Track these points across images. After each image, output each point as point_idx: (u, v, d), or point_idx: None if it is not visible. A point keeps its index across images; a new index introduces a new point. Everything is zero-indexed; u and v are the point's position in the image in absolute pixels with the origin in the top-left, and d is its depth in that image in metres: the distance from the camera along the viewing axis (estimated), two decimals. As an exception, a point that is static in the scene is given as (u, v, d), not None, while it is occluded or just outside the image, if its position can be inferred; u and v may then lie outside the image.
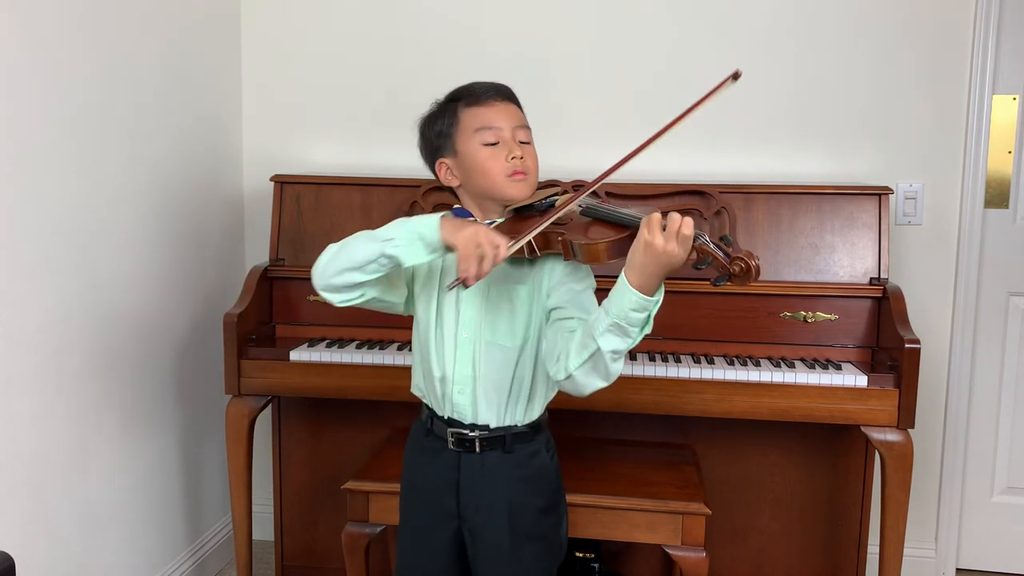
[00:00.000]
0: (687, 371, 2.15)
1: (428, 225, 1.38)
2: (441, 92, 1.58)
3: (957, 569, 2.71)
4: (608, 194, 2.38)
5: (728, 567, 2.51)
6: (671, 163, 2.61)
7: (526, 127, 1.54)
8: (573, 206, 1.45)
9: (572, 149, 2.63)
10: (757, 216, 2.39)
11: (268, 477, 2.66)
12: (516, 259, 1.45)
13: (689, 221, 1.26)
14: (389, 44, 2.72)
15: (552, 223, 1.41)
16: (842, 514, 2.46)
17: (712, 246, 1.28)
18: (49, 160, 1.92)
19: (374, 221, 2.47)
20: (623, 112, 2.65)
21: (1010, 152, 2.58)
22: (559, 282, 1.46)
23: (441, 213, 1.42)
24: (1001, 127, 2.56)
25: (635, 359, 2.21)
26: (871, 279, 2.33)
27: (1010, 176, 2.59)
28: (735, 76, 1.42)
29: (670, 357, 2.25)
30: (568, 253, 1.40)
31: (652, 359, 2.22)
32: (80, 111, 2.02)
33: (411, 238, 1.38)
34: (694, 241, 1.27)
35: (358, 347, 2.30)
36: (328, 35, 2.75)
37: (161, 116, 2.36)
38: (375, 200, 2.51)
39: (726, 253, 1.27)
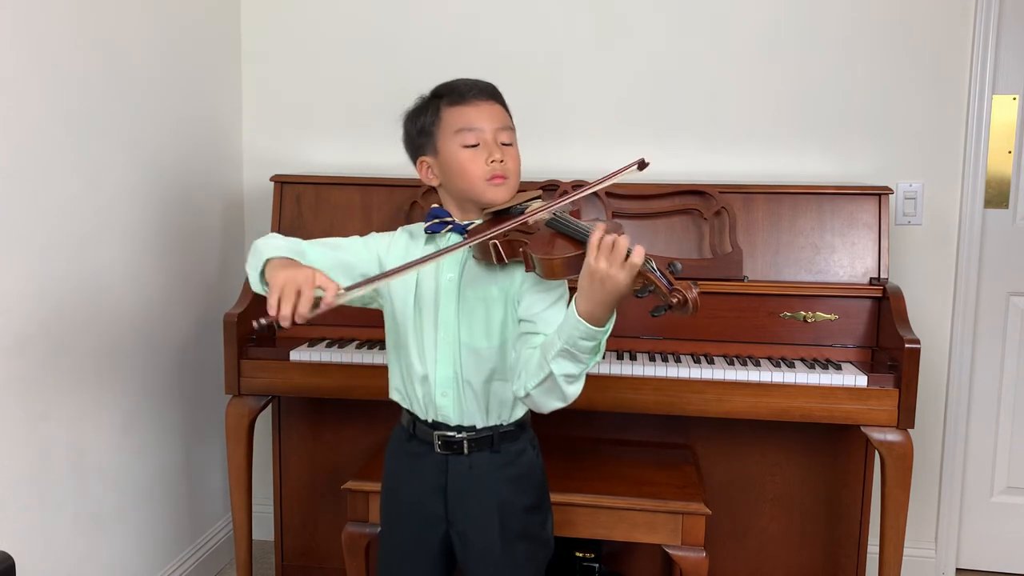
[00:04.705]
0: (687, 371, 2.15)
1: (260, 257, 1.36)
2: (441, 92, 1.57)
3: (957, 569, 2.71)
4: (608, 194, 2.38)
5: (728, 567, 2.51)
6: (671, 163, 2.61)
7: (510, 128, 1.50)
8: (543, 215, 1.42)
9: (573, 149, 2.63)
10: (757, 216, 2.39)
11: (268, 477, 2.66)
12: (486, 263, 1.44)
13: (640, 251, 1.21)
14: (389, 44, 2.72)
15: (519, 231, 1.39)
16: (842, 514, 2.46)
17: (657, 274, 1.23)
18: (48, 160, 1.92)
19: (374, 221, 2.48)
20: (624, 112, 2.65)
21: (1010, 152, 2.58)
22: (528, 288, 1.44)
23: (276, 255, 1.36)
24: (1001, 127, 2.56)
25: (635, 359, 2.21)
26: (871, 279, 2.33)
27: (1010, 176, 2.59)
28: (640, 165, 1.41)
29: (670, 357, 2.25)
30: (528, 265, 1.39)
31: (652, 359, 2.22)
32: (79, 111, 2.02)
33: (253, 266, 1.39)
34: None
35: (358, 347, 2.30)
36: (328, 35, 2.75)
37: (161, 116, 2.36)
38: (375, 200, 2.51)
39: (669, 282, 1.22)
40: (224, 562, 2.75)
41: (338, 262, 1.49)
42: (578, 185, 2.39)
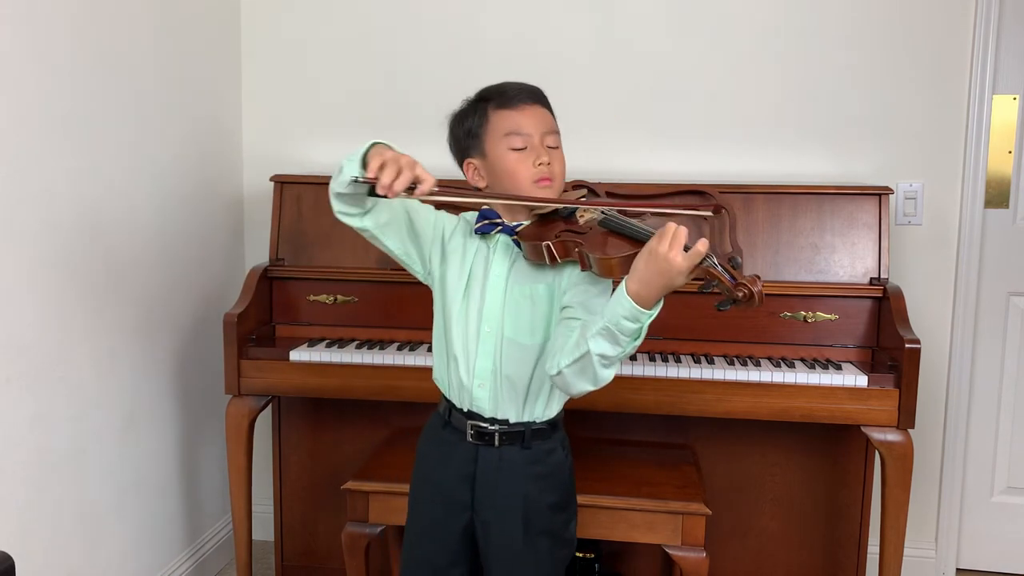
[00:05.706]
0: (687, 371, 2.15)
1: (365, 144, 1.38)
2: (441, 92, 1.58)
3: (957, 569, 2.71)
4: (608, 194, 2.38)
5: (728, 567, 2.51)
6: (671, 163, 2.62)
7: (555, 132, 1.54)
8: (594, 215, 1.45)
9: (573, 148, 2.61)
10: (757, 216, 2.38)
11: (268, 477, 2.66)
12: (538, 263, 1.47)
13: (704, 241, 1.24)
14: (389, 44, 2.72)
15: (572, 231, 1.42)
16: (842, 514, 2.46)
17: (720, 269, 1.24)
18: (49, 160, 1.92)
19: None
20: (624, 111, 2.65)
21: (1010, 152, 2.58)
22: (576, 283, 1.46)
23: (382, 141, 1.40)
24: (1001, 127, 2.56)
25: (635, 359, 2.21)
26: (871, 279, 2.33)
27: (1010, 176, 2.59)
28: (716, 209, 1.46)
29: (670, 357, 2.25)
30: (584, 264, 1.41)
31: (652, 359, 2.22)
32: (80, 111, 2.02)
33: (355, 153, 1.39)
34: (701, 262, 1.24)
35: (358, 347, 2.30)
36: (328, 35, 2.74)
37: (161, 117, 2.36)
38: (375, 200, 2.50)
39: (732, 277, 1.23)
40: (224, 562, 2.75)
41: (406, 216, 1.54)
42: (578, 185, 2.39)
